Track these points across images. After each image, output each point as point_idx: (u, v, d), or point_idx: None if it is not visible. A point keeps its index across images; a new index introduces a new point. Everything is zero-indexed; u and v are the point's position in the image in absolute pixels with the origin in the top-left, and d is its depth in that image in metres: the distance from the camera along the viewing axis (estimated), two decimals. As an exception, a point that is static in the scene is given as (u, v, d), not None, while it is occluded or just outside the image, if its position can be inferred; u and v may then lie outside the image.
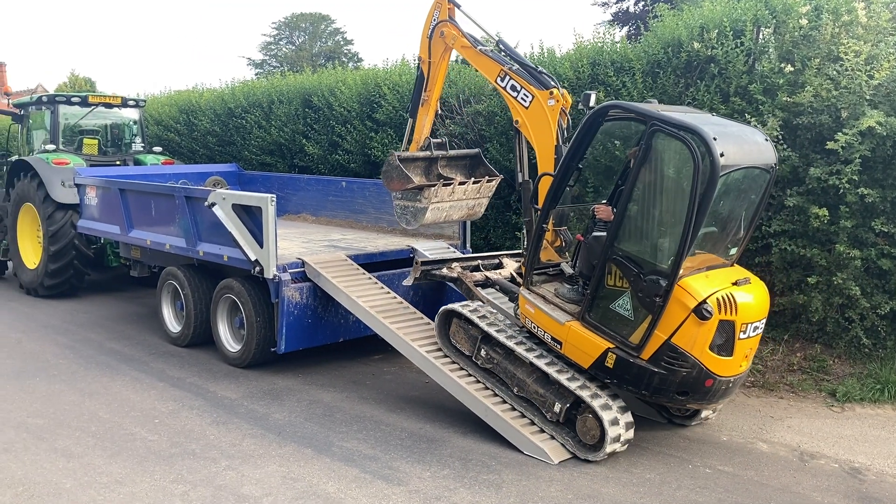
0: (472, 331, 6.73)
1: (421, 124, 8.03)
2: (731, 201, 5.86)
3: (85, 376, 7.96)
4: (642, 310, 5.67)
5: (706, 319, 5.43)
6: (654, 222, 5.84)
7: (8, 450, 6.08)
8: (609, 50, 9.34)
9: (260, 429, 6.53)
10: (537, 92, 6.84)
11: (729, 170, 5.36)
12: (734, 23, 8.15)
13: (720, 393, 5.77)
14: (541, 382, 6.21)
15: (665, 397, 5.80)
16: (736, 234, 6.07)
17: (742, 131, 5.94)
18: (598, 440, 5.84)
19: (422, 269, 7.61)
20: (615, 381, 5.92)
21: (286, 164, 13.36)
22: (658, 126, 5.52)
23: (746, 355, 5.84)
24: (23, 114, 13.42)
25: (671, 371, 5.59)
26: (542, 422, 6.17)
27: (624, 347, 5.77)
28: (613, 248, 5.78)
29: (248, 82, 15.74)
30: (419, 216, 7.69)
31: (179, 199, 8.69)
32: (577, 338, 6.01)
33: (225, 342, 8.45)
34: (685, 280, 5.51)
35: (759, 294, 5.86)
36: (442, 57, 7.83)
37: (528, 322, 6.44)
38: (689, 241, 5.37)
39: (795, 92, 7.58)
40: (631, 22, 27.05)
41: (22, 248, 12.22)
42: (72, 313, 10.88)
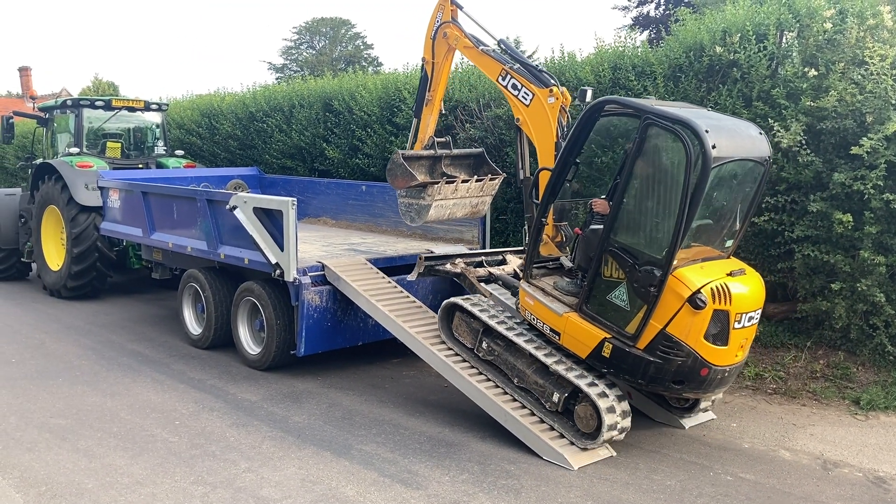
0: (473, 323, 6.85)
1: (425, 124, 8.20)
2: (725, 193, 5.94)
3: (107, 377, 8.03)
4: (638, 300, 5.76)
5: (700, 309, 5.51)
6: (648, 214, 5.93)
7: (31, 449, 6.14)
8: (630, 54, 9.30)
9: (279, 431, 6.55)
10: (537, 90, 6.97)
11: (721, 162, 5.45)
12: (757, 27, 8.09)
13: (716, 382, 5.84)
14: (540, 373, 6.31)
15: (661, 386, 5.87)
16: (731, 227, 6.14)
17: (736, 125, 6.03)
18: (594, 428, 5.93)
19: (426, 265, 7.73)
20: (612, 371, 6.00)
21: (307, 168, 13.42)
22: (651, 119, 5.62)
23: (742, 345, 5.90)
24: (47, 117, 13.58)
25: (667, 360, 5.67)
26: (541, 411, 6.26)
27: (620, 337, 5.87)
28: (609, 239, 5.90)
29: (270, 86, 15.83)
30: (423, 213, 7.83)
31: (201, 202, 8.76)
32: (574, 328, 6.12)
33: (245, 344, 8.49)
34: (680, 271, 5.60)
35: (753, 285, 5.92)
36: (445, 57, 7.98)
37: (528, 314, 6.55)
38: (682, 232, 5.46)
39: (819, 96, 7.50)
40: (651, 26, 26.96)
41: (46, 250, 12.36)
42: (94, 315, 10.98)
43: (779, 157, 7.79)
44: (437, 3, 7.97)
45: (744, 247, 8.41)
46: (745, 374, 7.79)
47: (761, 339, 8.23)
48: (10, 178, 20.95)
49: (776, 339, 8.21)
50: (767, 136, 6.13)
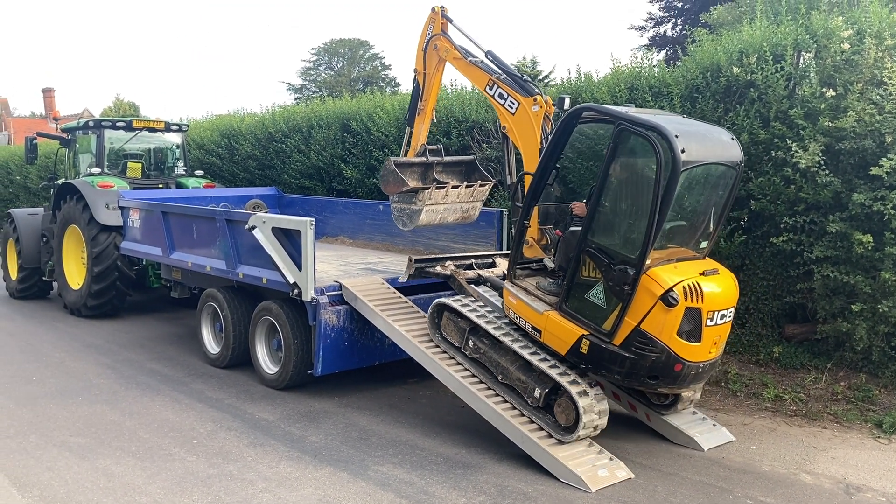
0: (461, 323, 7.05)
1: (417, 132, 8.56)
2: (697, 196, 6.18)
3: (126, 396, 8.08)
4: (613, 298, 5.97)
5: (672, 306, 5.71)
6: (622, 216, 6.21)
7: (51, 468, 6.18)
8: (647, 74, 9.33)
9: (296, 451, 6.56)
10: (522, 99, 7.25)
11: (691, 165, 5.67)
12: (774, 47, 8.09)
13: (690, 378, 6.03)
14: (523, 370, 6.51)
15: (636, 381, 6.09)
16: (706, 229, 6.34)
17: (708, 130, 6.27)
18: (573, 423, 6.11)
19: (416, 267, 7.91)
20: (590, 366, 6.23)
21: (325, 188, 13.51)
22: (624, 125, 5.87)
23: (716, 342, 6.08)
24: (70, 138, 13.79)
25: (641, 356, 5.88)
26: (523, 407, 6.43)
27: (597, 334, 6.08)
28: (587, 240, 6.13)
29: (288, 107, 16.00)
30: (414, 217, 8.12)
31: (220, 222, 8.83)
32: (554, 326, 6.33)
33: (263, 364, 8.52)
34: (653, 270, 5.81)
35: (726, 284, 6.11)
36: (436, 69, 8.31)
37: (512, 313, 6.76)
38: (653, 232, 5.67)
39: (837, 117, 7.48)
40: (668, 46, 26.99)
41: (66, 268, 12.49)
42: (113, 333, 11.07)
43: (797, 177, 7.77)
44: (428, 17, 8.31)
45: (762, 267, 8.38)
46: (765, 396, 7.72)
47: (781, 361, 8.17)
48: (33, 198, 21.23)
49: (796, 361, 8.13)
50: (739, 141, 6.35)
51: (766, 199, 8.10)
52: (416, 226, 8.20)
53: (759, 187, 8.13)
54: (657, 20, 29.64)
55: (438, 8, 8.21)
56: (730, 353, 8.52)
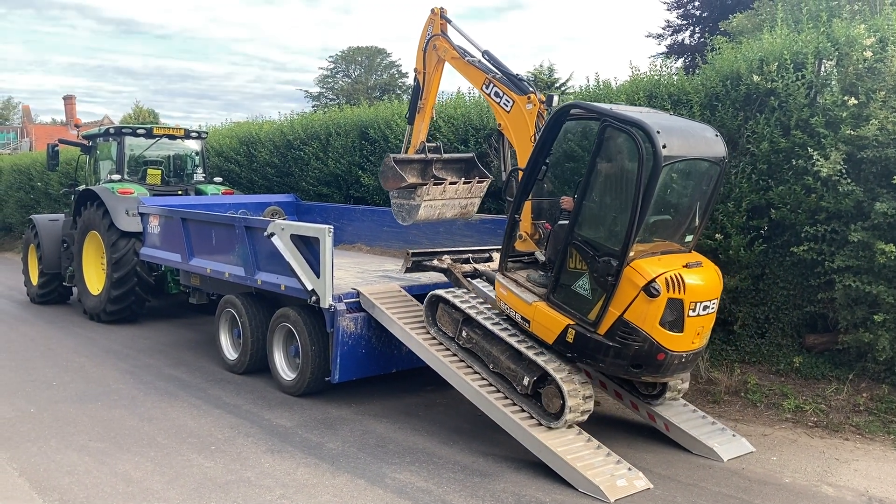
0: (455, 314, 7.26)
1: (417, 130, 8.77)
2: (680, 191, 6.37)
3: (144, 401, 8.12)
4: (598, 289, 6.16)
5: (655, 297, 5.86)
6: (607, 210, 6.39)
7: (71, 472, 6.22)
8: (666, 82, 9.29)
9: (314, 458, 6.56)
10: (517, 97, 7.43)
11: (672, 160, 5.84)
12: (795, 55, 8.04)
13: (673, 367, 6.17)
14: (513, 359, 6.70)
15: (620, 370, 6.26)
16: (691, 223, 6.49)
17: (691, 127, 6.40)
18: (559, 409, 6.29)
19: (413, 260, 8.09)
20: (576, 355, 6.40)
21: (342, 195, 13.55)
22: (609, 122, 6.04)
23: (699, 332, 6.20)
24: (91, 145, 13.92)
25: (625, 345, 6.04)
26: (512, 395, 6.63)
27: (582, 324, 6.27)
28: (573, 233, 6.31)
29: (306, 115, 16.06)
30: (413, 213, 8.38)
31: (239, 228, 8.88)
32: (542, 316, 6.52)
33: (280, 370, 8.54)
34: (637, 262, 5.97)
35: (709, 276, 6.24)
36: (435, 68, 8.51)
37: (503, 304, 6.96)
38: (636, 225, 5.84)
39: (859, 125, 7.41)
40: (686, 54, 26.89)
41: (86, 274, 12.59)
42: (132, 339, 11.14)
43: (818, 185, 7.70)
44: (427, 18, 8.51)
45: (782, 276, 8.31)
46: (785, 407, 7.64)
47: (801, 371, 8.08)
48: (54, 204, 21.44)
49: (817, 371, 8.05)
50: (723, 138, 6.48)
51: (786, 207, 8.03)
52: (414, 221, 8.48)
53: (779, 196, 8.07)
54: (675, 28, 29.57)
55: (438, 9, 8.41)
56: (749, 363, 8.45)
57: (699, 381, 8.36)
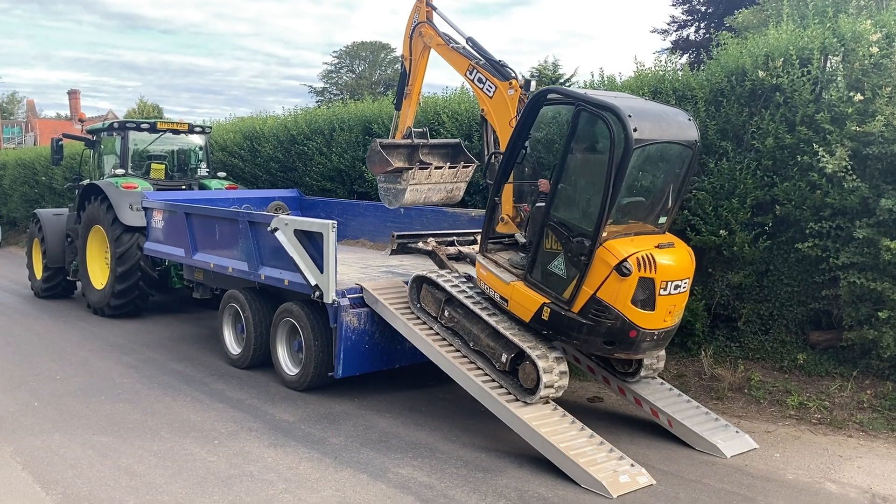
0: (437, 294, 7.43)
1: (404, 115, 8.95)
2: (653, 173, 6.55)
3: (148, 395, 8.14)
4: (572, 268, 6.37)
5: (626, 276, 6.05)
6: (581, 191, 6.58)
7: (75, 466, 6.24)
8: (671, 78, 9.25)
9: (317, 453, 6.57)
10: (499, 83, 7.57)
11: (643, 143, 6.02)
12: (800, 51, 8.00)
13: (645, 344, 6.36)
14: (492, 337, 6.88)
15: (594, 346, 6.50)
16: (665, 205, 6.65)
17: (664, 111, 6.54)
18: (535, 385, 6.48)
19: (398, 242, 8.32)
20: (551, 332, 6.61)
21: (346, 190, 13.55)
22: (582, 106, 6.25)
23: (670, 311, 6.38)
24: (95, 139, 13.93)
25: (598, 322, 6.25)
26: (491, 371, 6.82)
27: (557, 302, 6.46)
28: (549, 215, 6.51)
29: (310, 110, 16.05)
30: (399, 196, 8.56)
31: (243, 223, 8.88)
32: (519, 295, 6.72)
33: (283, 365, 8.55)
34: (610, 242, 6.17)
35: (680, 256, 6.43)
36: (421, 54, 8.69)
37: (483, 284, 7.19)
38: (607, 207, 6.03)
39: (865, 121, 7.38)
40: (691, 50, 26.81)
41: (91, 268, 12.61)
42: (136, 333, 11.16)
43: (823, 182, 7.68)
44: (413, 5, 8.66)
45: (787, 273, 8.29)
46: (789, 404, 7.63)
47: (805, 368, 8.06)
48: (58, 199, 21.48)
49: (821, 368, 8.03)
50: (696, 122, 6.66)
51: (791, 204, 8.01)
52: (401, 204, 8.66)
53: (784, 192, 8.05)
54: (680, 24, 29.47)
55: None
56: (753, 360, 8.43)
57: (703, 377, 8.35)
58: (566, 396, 8.21)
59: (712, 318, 8.82)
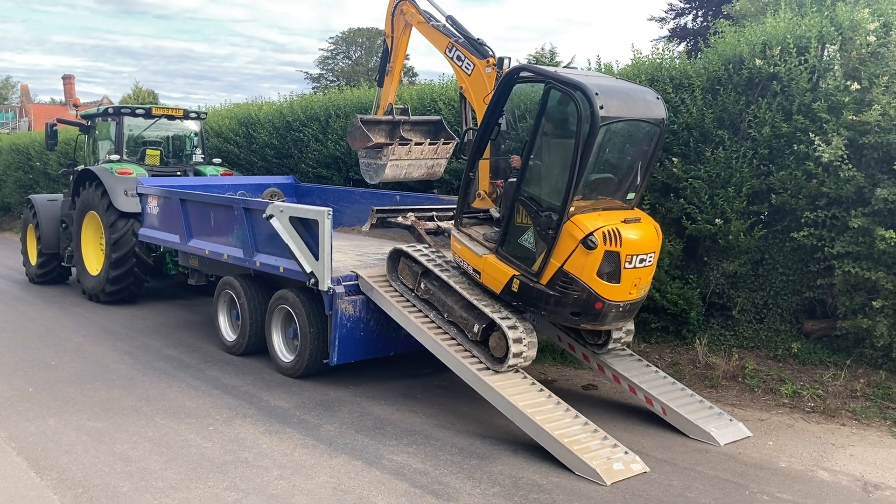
0: (414, 267, 7.62)
1: (386, 92, 9.17)
2: (620, 150, 6.73)
3: (143, 382, 8.13)
4: (541, 242, 6.59)
5: (592, 249, 6.25)
6: (550, 167, 6.74)
7: (69, 451, 6.24)
8: (668, 66, 9.23)
9: (311, 439, 6.58)
10: (477, 61, 7.76)
11: (610, 121, 6.19)
12: (798, 39, 7.98)
13: (611, 316, 6.59)
14: (465, 308, 7.09)
15: (561, 317, 6.71)
16: (633, 181, 6.85)
17: (632, 90, 6.70)
18: (504, 354, 6.67)
19: (377, 216, 8.47)
20: (520, 304, 6.83)
21: (342, 177, 13.50)
22: (552, 84, 6.43)
23: (636, 284, 6.59)
24: (89, 125, 13.86)
25: (565, 294, 6.47)
26: (464, 341, 7.03)
27: (527, 274, 6.69)
28: (520, 190, 6.71)
29: (306, 96, 15.98)
30: (380, 171, 8.80)
31: (238, 210, 8.85)
32: (491, 268, 6.95)
33: (279, 352, 8.55)
34: (577, 217, 6.36)
35: (646, 231, 6.63)
36: (403, 32, 8.90)
37: (457, 258, 7.40)
38: (574, 182, 6.23)
39: (862, 110, 7.38)
40: (689, 38, 26.74)
41: (85, 254, 12.58)
42: (131, 319, 11.15)
43: (819, 171, 7.68)
44: None
45: (782, 262, 8.30)
46: (782, 392, 7.66)
47: (799, 357, 8.09)
48: (53, 184, 21.39)
49: (814, 357, 8.06)
50: (664, 100, 6.82)
51: (787, 193, 8.01)
52: (381, 179, 8.84)
53: (780, 181, 8.05)
54: (678, 11, 29.38)
55: None
56: (747, 349, 8.46)
57: (697, 365, 8.37)
58: (561, 384, 8.25)
59: (707, 306, 8.84)
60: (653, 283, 8.70)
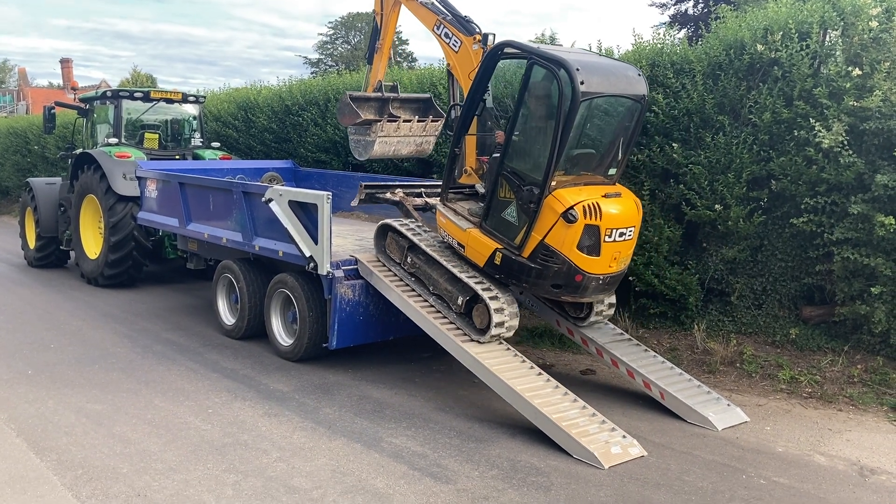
0: (401, 241, 7.75)
1: (375, 69, 9.20)
2: (601, 126, 6.85)
3: (142, 365, 8.14)
4: (523, 216, 6.69)
5: (572, 223, 6.36)
6: (532, 142, 6.85)
7: (69, 433, 6.25)
8: (669, 51, 9.19)
9: (311, 422, 6.60)
10: (464, 38, 7.81)
11: (590, 96, 6.28)
12: (799, 25, 7.95)
13: (591, 288, 6.71)
14: (450, 281, 7.24)
15: (542, 290, 6.85)
16: (615, 157, 6.94)
17: (614, 66, 6.76)
18: (486, 325, 6.83)
19: (366, 192, 8.55)
20: (503, 276, 6.96)
21: (341, 162, 13.47)
22: (535, 60, 6.52)
23: (615, 257, 6.70)
24: (88, 108, 13.80)
25: (545, 267, 6.60)
26: (448, 313, 7.19)
27: (509, 247, 6.83)
28: (503, 165, 6.83)
29: (305, 80, 15.91)
30: (369, 148, 8.83)
31: (237, 193, 8.84)
32: (475, 241, 7.11)
33: (278, 336, 8.56)
34: (558, 191, 6.47)
35: (626, 206, 6.72)
36: (392, 9, 8.90)
37: (442, 232, 7.53)
38: (555, 156, 6.32)
39: (863, 96, 7.35)
40: (689, 24, 26.62)
41: (84, 238, 12.56)
42: (130, 303, 11.15)
43: (819, 157, 7.67)
44: None
45: (781, 248, 8.30)
46: (780, 378, 7.68)
47: (797, 343, 8.11)
48: (51, 168, 21.34)
49: (812, 343, 8.08)
50: (644, 77, 6.87)
51: (787, 179, 8.00)
52: (370, 156, 8.91)
53: (780, 167, 8.04)
54: (678, -3, 29.21)
55: None
56: (746, 334, 8.48)
57: (695, 351, 8.39)
58: (559, 369, 8.27)
59: (706, 292, 8.85)
60: (652, 268, 8.76)
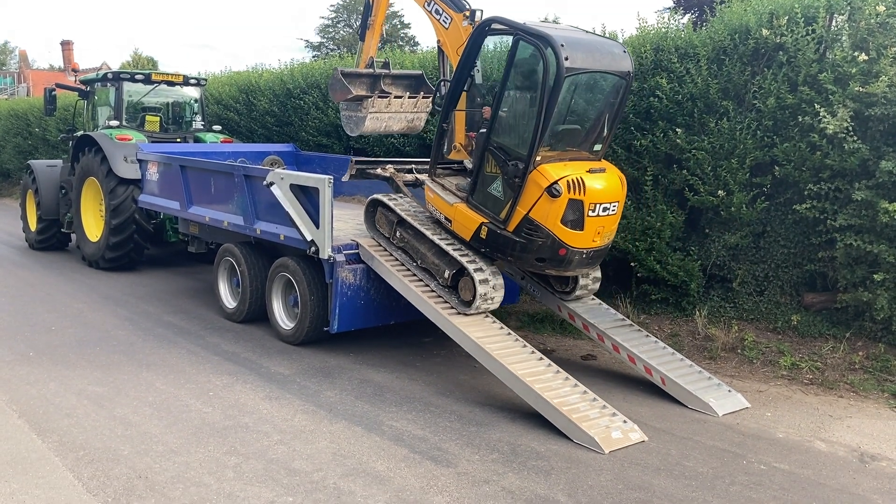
0: (390, 216, 7.86)
1: (367, 45, 9.25)
2: (586, 101, 6.90)
3: (143, 347, 8.15)
4: (508, 190, 6.79)
5: (556, 197, 6.44)
6: (517, 118, 6.90)
7: (70, 415, 6.27)
8: (673, 36, 9.13)
9: (312, 405, 6.61)
10: (454, 14, 7.83)
11: (575, 72, 6.34)
12: (805, 9, 7.89)
13: (575, 262, 6.80)
14: (437, 255, 7.36)
15: (527, 263, 7.01)
16: (600, 133, 7.02)
17: (599, 42, 6.81)
18: (472, 298, 6.99)
19: (357, 168, 8.59)
20: (488, 250, 7.10)
21: (342, 146, 13.42)
22: (520, 35, 6.57)
23: (599, 232, 6.78)
24: (89, 90, 13.75)
25: (530, 240, 6.71)
26: (436, 286, 7.32)
27: (494, 222, 6.95)
28: (489, 140, 6.91)
29: (307, 64, 15.83)
30: (360, 124, 8.86)
31: (238, 177, 8.81)
32: (461, 216, 7.24)
33: (279, 319, 8.56)
34: (543, 166, 6.55)
35: (610, 181, 6.78)
36: None
37: (430, 207, 7.65)
38: (540, 131, 6.40)
39: (869, 82, 7.30)
40: (693, 9, 26.44)
41: (85, 221, 12.55)
42: (131, 286, 11.15)
43: (824, 143, 7.62)
44: None
45: (783, 234, 8.28)
46: (781, 364, 7.68)
47: (799, 329, 8.10)
48: (52, 150, 21.29)
49: (814, 329, 8.07)
50: (630, 54, 6.94)
51: (790, 165, 7.96)
52: (361, 132, 8.95)
53: (783, 153, 8.00)
54: (683, -18, 29.01)
55: None
56: (747, 321, 8.47)
57: (696, 337, 8.39)
58: (560, 354, 8.27)
59: (707, 278, 8.84)
60: (654, 254, 8.74)
